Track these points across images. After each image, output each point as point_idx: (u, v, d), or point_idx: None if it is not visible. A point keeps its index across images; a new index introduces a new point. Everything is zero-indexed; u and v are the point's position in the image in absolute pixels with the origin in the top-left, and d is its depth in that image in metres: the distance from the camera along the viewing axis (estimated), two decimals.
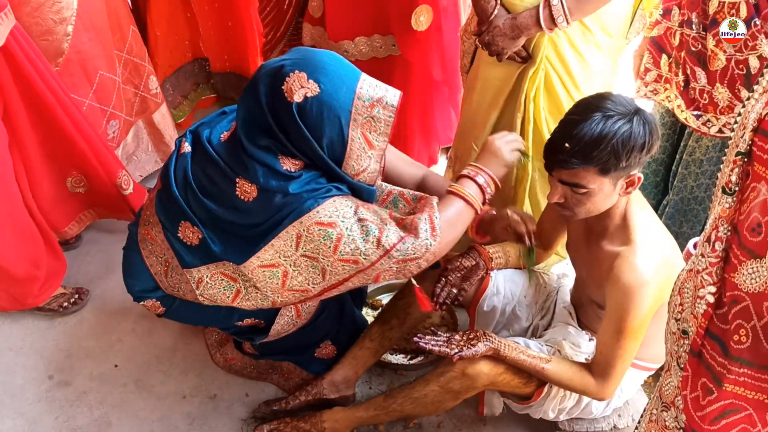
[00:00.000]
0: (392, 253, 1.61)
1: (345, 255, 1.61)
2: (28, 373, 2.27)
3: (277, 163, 1.60)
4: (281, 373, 2.20)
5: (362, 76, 1.60)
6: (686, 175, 2.21)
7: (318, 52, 1.61)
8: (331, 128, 1.56)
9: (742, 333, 1.03)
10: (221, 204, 1.65)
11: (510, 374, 1.78)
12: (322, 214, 1.58)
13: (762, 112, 0.99)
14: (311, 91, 1.53)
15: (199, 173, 1.69)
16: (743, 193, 1.03)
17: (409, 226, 1.64)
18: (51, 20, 2.20)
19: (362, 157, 1.62)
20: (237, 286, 1.73)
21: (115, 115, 2.60)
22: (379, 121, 1.58)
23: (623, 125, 1.51)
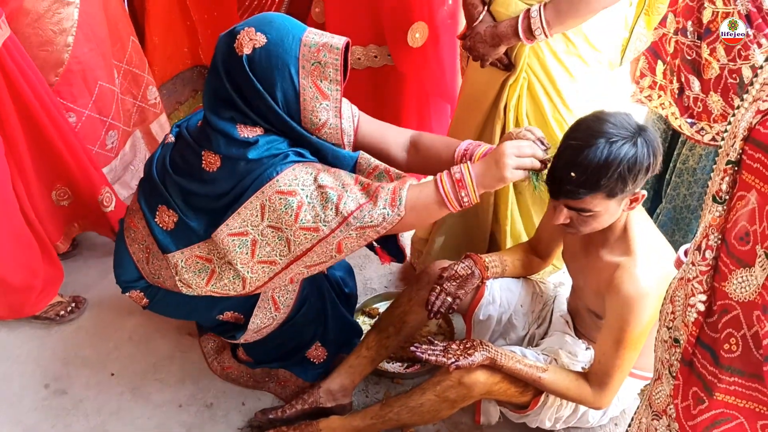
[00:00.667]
0: (350, 220, 1.63)
1: (306, 223, 1.63)
2: (25, 382, 2.26)
3: (235, 131, 1.65)
4: (278, 381, 2.20)
5: (309, 28, 1.66)
6: (679, 184, 2.21)
7: (267, 13, 1.69)
8: (281, 77, 1.61)
9: (732, 342, 1.02)
10: (191, 178, 1.72)
11: (506, 383, 1.78)
12: (281, 183, 1.62)
13: (752, 120, 1.00)
14: (259, 42, 1.60)
15: (176, 156, 1.77)
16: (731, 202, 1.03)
17: (372, 192, 1.66)
18: (51, 31, 2.21)
19: (318, 109, 1.65)
20: (211, 267, 1.78)
21: (114, 126, 2.60)
22: (327, 66, 1.62)
23: (629, 149, 1.50)
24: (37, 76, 2.16)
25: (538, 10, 1.81)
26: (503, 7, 1.91)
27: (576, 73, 1.97)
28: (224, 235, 1.69)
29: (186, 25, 2.98)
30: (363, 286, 2.60)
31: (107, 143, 2.60)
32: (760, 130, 0.97)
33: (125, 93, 2.67)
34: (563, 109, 2.00)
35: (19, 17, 2.12)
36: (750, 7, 1.85)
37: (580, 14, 1.82)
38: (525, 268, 2.08)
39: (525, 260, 2.07)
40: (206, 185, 1.70)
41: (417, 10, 2.37)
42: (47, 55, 2.24)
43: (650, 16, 2.07)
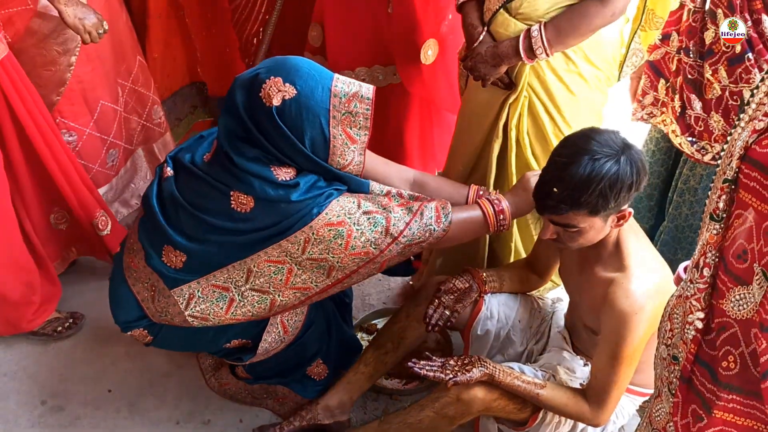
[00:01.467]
0: (400, 239, 1.69)
1: (356, 249, 1.67)
2: (22, 398, 2.25)
3: (271, 174, 1.64)
4: (276, 398, 2.19)
5: (335, 75, 1.65)
6: (681, 203, 2.22)
7: (290, 58, 1.67)
8: (312, 128, 1.61)
9: (730, 359, 1.03)
10: (216, 216, 1.68)
11: (505, 400, 1.78)
12: (330, 215, 1.64)
13: (748, 140, 1.01)
14: (288, 94, 1.59)
15: (187, 192, 1.73)
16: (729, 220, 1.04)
17: (416, 210, 1.72)
18: (55, 51, 2.21)
19: (346, 152, 1.67)
20: (230, 295, 1.75)
21: (115, 144, 2.60)
22: (357, 116, 1.63)
23: (611, 167, 1.52)
24: (34, 98, 2.15)
25: (539, 29, 1.84)
26: (502, 27, 1.92)
27: (576, 90, 1.98)
28: (262, 260, 1.69)
29: (184, 42, 2.99)
30: (361, 302, 2.60)
31: (108, 161, 2.60)
32: (756, 150, 0.98)
33: (130, 112, 2.67)
34: (564, 127, 2.02)
35: (26, 38, 2.13)
36: (751, 33, 1.86)
37: (580, 32, 1.84)
38: (523, 284, 2.08)
39: (523, 276, 2.08)
40: (238, 223, 1.67)
41: (426, 28, 2.39)
42: (51, 75, 2.25)
43: (647, 32, 2.09)
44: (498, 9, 1.92)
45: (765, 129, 0.99)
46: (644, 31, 2.11)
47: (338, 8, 2.41)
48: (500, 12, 1.92)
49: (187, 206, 1.70)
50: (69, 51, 2.25)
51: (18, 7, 2.09)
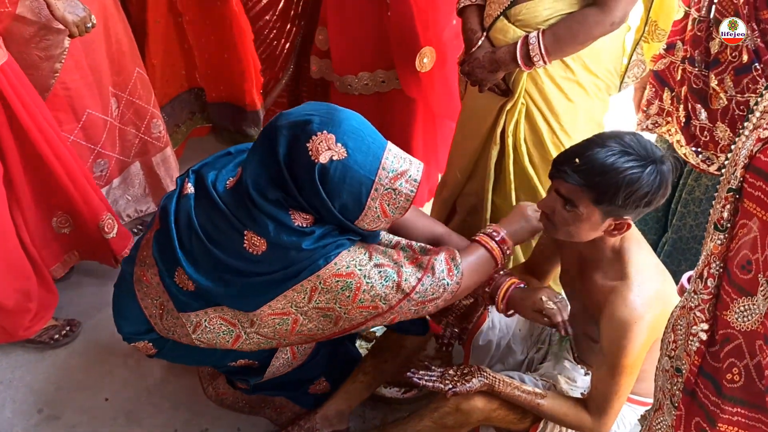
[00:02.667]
0: (412, 296, 1.62)
1: (364, 302, 1.60)
2: (17, 407, 2.24)
3: (288, 219, 1.57)
4: (274, 407, 2.17)
5: (388, 145, 1.58)
6: (685, 214, 2.21)
7: (346, 114, 1.57)
8: (350, 194, 1.54)
9: (734, 372, 1.01)
10: (228, 253, 1.61)
11: (505, 410, 1.76)
12: (339, 266, 1.57)
13: (752, 148, 0.99)
14: (338, 155, 1.51)
15: (204, 220, 1.65)
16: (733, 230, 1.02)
17: (425, 265, 1.64)
18: (36, 56, 2.18)
19: (375, 222, 1.61)
20: (237, 332, 1.70)
21: (104, 155, 2.58)
22: (399, 195, 1.56)
23: (635, 167, 1.51)
24: (36, 101, 2.14)
25: (537, 36, 1.83)
26: (501, 33, 1.92)
27: (574, 98, 1.97)
28: (265, 314, 1.64)
29: (183, 48, 2.99)
30: None
31: (95, 171, 2.58)
32: (761, 158, 0.97)
33: (126, 124, 2.65)
34: (561, 134, 2.01)
35: (6, 41, 2.10)
36: (758, 42, 1.84)
37: (578, 41, 1.83)
38: None
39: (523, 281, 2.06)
40: (248, 264, 1.60)
41: (423, 36, 2.38)
42: (32, 80, 2.20)
43: (650, 44, 2.08)
44: (498, 15, 1.91)
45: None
46: (647, 43, 2.11)
47: (341, 12, 2.41)
48: (500, 18, 1.91)
49: (201, 236, 1.64)
50: (52, 57, 2.22)
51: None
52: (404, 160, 1.57)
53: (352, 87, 2.51)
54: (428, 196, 2.95)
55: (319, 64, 2.60)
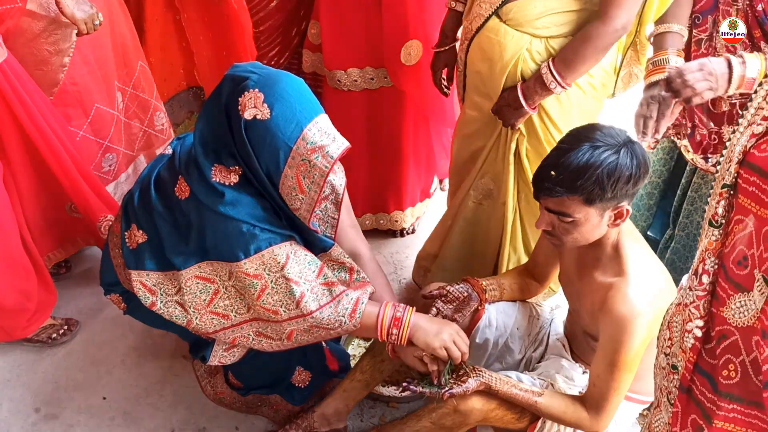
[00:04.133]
0: (307, 318, 1.67)
1: (267, 304, 1.66)
2: (15, 406, 2.24)
3: (209, 172, 1.62)
4: (270, 405, 2.18)
5: (317, 117, 1.59)
6: (692, 211, 2.20)
7: (285, 78, 1.60)
8: (270, 155, 1.57)
9: (731, 368, 1.01)
10: (163, 199, 1.70)
11: (503, 409, 1.76)
12: (248, 267, 1.62)
13: (746, 144, 0.99)
14: (261, 114, 1.55)
15: (163, 172, 1.76)
16: (728, 226, 1.02)
17: (335, 295, 1.70)
18: (46, 51, 2.20)
19: (292, 196, 1.63)
20: (153, 299, 1.76)
21: (112, 149, 2.58)
22: (314, 168, 1.57)
23: (610, 156, 1.52)
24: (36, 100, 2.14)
25: (548, 66, 1.84)
26: (493, 32, 1.93)
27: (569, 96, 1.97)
28: (191, 275, 1.68)
29: (181, 47, 2.98)
30: None
31: (103, 165, 2.58)
32: (755, 154, 0.97)
33: (132, 117, 2.65)
34: (553, 130, 2.02)
35: (15, 37, 2.11)
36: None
37: (588, 58, 1.83)
38: (522, 291, 2.07)
39: (522, 283, 2.06)
40: (173, 210, 1.68)
41: (412, 29, 2.38)
42: (42, 75, 2.23)
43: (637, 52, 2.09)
44: (489, 15, 1.91)
45: (763, 133, 0.98)
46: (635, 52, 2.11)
47: (333, 7, 2.41)
48: (491, 18, 1.91)
49: (152, 185, 1.74)
50: (61, 51, 2.23)
51: (7, 5, 2.07)
52: (328, 136, 1.58)
53: (341, 82, 2.51)
54: (421, 196, 2.95)
55: (311, 58, 2.60)
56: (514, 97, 1.92)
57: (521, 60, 1.92)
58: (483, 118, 2.09)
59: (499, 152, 2.12)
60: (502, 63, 1.94)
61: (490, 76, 1.99)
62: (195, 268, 1.67)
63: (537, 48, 1.90)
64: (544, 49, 1.89)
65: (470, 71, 2.07)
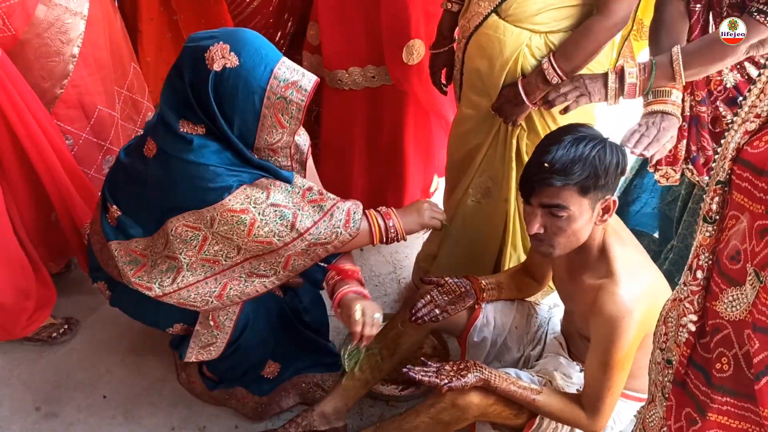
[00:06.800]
0: (305, 236, 1.74)
1: (259, 237, 1.71)
2: (15, 405, 2.24)
3: (176, 124, 1.67)
4: (236, 398, 2.21)
5: (283, 58, 1.67)
6: (692, 222, 2.21)
7: (245, 30, 1.69)
8: (245, 101, 1.63)
9: (724, 361, 1.02)
10: (132, 164, 1.77)
11: (501, 405, 1.77)
12: (234, 202, 1.67)
13: (740, 141, 1.01)
14: (231, 63, 1.60)
15: (132, 142, 1.83)
16: (723, 222, 1.04)
17: (327, 209, 1.76)
18: (59, 41, 2.21)
19: (274, 132, 1.69)
20: (142, 261, 1.80)
21: (112, 151, 2.59)
22: (291, 104, 1.65)
23: (596, 145, 1.58)
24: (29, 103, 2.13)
25: (549, 60, 1.85)
26: (492, 29, 1.94)
27: None
28: (180, 223, 1.72)
29: (178, 46, 2.98)
30: None
31: (104, 168, 2.59)
32: (748, 150, 0.98)
33: (125, 119, 2.66)
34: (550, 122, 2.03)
35: (30, 28, 2.12)
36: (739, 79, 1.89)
37: (589, 52, 1.84)
38: (521, 290, 2.08)
39: (521, 282, 2.07)
40: (144, 171, 1.73)
41: (414, 28, 2.39)
42: (55, 66, 2.23)
43: (638, 42, 2.09)
44: (489, 13, 1.92)
45: (756, 130, 0.99)
46: (636, 41, 2.12)
47: (333, 7, 2.41)
48: (491, 15, 1.93)
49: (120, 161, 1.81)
50: (72, 41, 2.23)
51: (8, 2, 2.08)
52: (297, 72, 1.66)
53: (342, 82, 2.51)
54: (421, 194, 2.96)
55: (310, 59, 2.61)
56: (515, 93, 1.93)
57: (521, 56, 1.93)
58: (479, 116, 2.11)
59: (498, 150, 2.13)
60: (502, 60, 1.95)
61: (489, 73, 2.00)
62: (179, 218, 1.71)
63: (537, 44, 1.91)
64: (543, 44, 1.91)
65: (467, 69, 2.09)
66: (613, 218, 1.68)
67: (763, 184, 0.94)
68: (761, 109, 1.00)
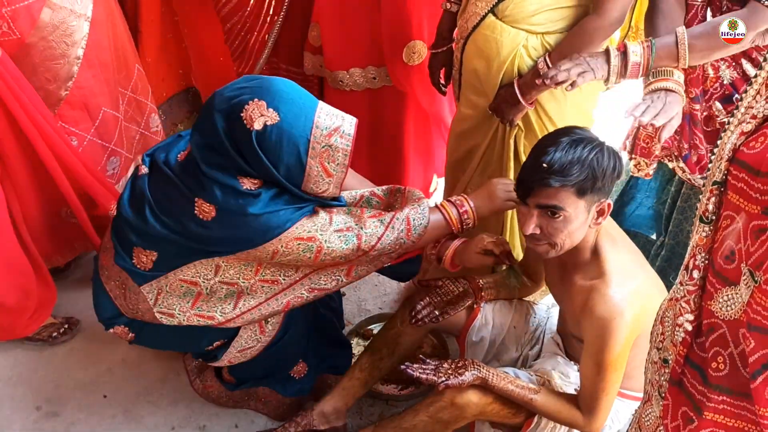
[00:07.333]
0: (371, 253, 1.72)
1: (325, 261, 1.70)
2: (16, 404, 2.25)
3: (237, 183, 1.64)
4: (258, 398, 2.20)
5: (320, 104, 1.64)
6: (682, 220, 2.22)
7: (275, 80, 1.65)
8: (290, 155, 1.61)
9: (719, 360, 1.03)
10: (180, 221, 1.68)
11: (499, 404, 1.78)
12: (300, 230, 1.65)
13: (736, 142, 1.02)
14: (271, 119, 1.57)
15: (157, 192, 1.73)
16: (718, 222, 1.04)
17: (387, 221, 1.74)
18: (64, 43, 2.21)
19: (320, 182, 1.67)
20: (198, 289, 1.77)
21: (117, 152, 2.59)
22: (336, 150, 1.63)
23: (593, 148, 1.57)
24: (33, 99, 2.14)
25: (544, 60, 1.86)
26: (489, 30, 1.95)
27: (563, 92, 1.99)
28: (230, 258, 1.70)
29: (181, 48, 3.00)
30: (357, 307, 2.61)
31: (108, 169, 2.59)
32: (744, 151, 0.99)
33: (129, 121, 2.66)
34: (548, 124, 2.04)
35: (36, 31, 2.12)
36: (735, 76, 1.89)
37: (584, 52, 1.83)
38: (518, 289, 2.09)
39: (518, 282, 2.08)
40: (200, 229, 1.67)
41: (415, 29, 2.40)
42: (60, 68, 2.24)
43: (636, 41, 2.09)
44: (486, 13, 1.93)
45: (752, 131, 1.00)
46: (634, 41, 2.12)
47: (333, 8, 2.42)
48: (488, 16, 1.93)
49: (153, 206, 1.71)
50: (76, 43, 2.24)
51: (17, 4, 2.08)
52: (336, 117, 1.63)
53: (343, 83, 2.52)
54: None
55: (312, 60, 2.62)
56: (511, 93, 1.93)
57: (518, 56, 1.94)
58: (478, 116, 2.11)
59: (496, 150, 2.14)
60: (498, 60, 1.96)
61: (486, 73, 2.01)
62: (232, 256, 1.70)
63: (533, 44, 1.92)
64: (540, 45, 1.92)
65: (466, 69, 2.09)
66: (606, 220, 1.68)
67: (759, 185, 0.95)
68: (757, 109, 1.00)
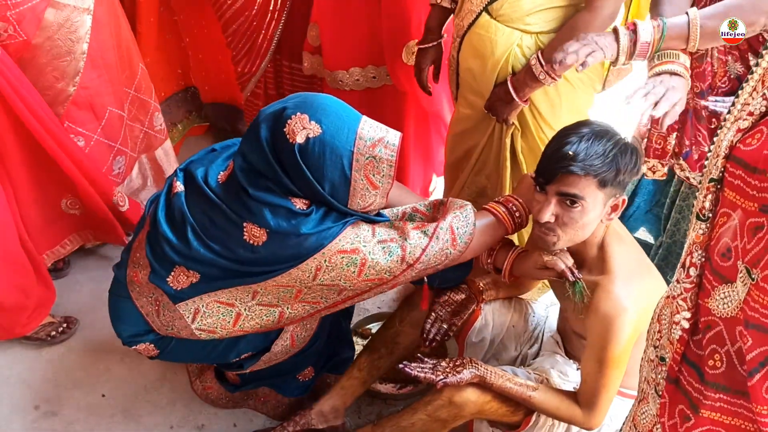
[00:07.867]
0: (416, 266, 1.66)
1: (369, 276, 1.65)
2: (14, 404, 2.25)
3: (289, 203, 1.61)
4: (257, 398, 2.20)
5: (363, 118, 1.62)
6: (680, 219, 2.22)
7: (318, 95, 1.63)
8: (333, 169, 1.57)
9: (716, 358, 1.03)
10: (227, 246, 1.63)
11: (497, 402, 1.77)
12: (343, 242, 1.61)
13: (733, 139, 1.01)
14: (313, 132, 1.55)
15: (198, 214, 1.67)
16: (715, 219, 1.04)
17: (431, 233, 1.67)
18: (69, 40, 2.22)
19: (367, 195, 1.63)
20: (236, 310, 1.73)
21: (122, 152, 2.60)
22: (381, 162, 1.60)
23: (617, 142, 1.58)
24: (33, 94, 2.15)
25: (536, 58, 1.85)
26: (483, 29, 1.95)
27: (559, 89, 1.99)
28: (269, 284, 1.67)
29: (179, 47, 3.00)
30: (356, 306, 2.60)
31: (114, 168, 2.60)
32: (740, 148, 0.99)
33: (133, 120, 2.67)
34: (543, 125, 2.04)
35: (41, 32, 2.13)
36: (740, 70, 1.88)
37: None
38: (518, 287, 2.08)
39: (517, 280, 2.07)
40: (249, 253, 1.63)
41: (414, 28, 2.40)
42: (66, 66, 2.24)
43: None
44: (480, 12, 1.93)
45: (749, 128, 1.00)
46: None
47: (333, 7, 2.42)
48: (482, 14, 1.93)
49: (199, 231, 1.66)
50: (81, 38, 2.24)
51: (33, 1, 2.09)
52: (380, 129, 1.62)
53: (343, 82, 2.52)
54: (422, 194, 2.96)
55: (311, 60, 2.61)
56: (505, 90, 1.93)
57: (512, 56, 1.94)
58: (476, 116, 2.11)
59: (493, 149, 2.14)
60: (493, 59, 1.96)
61: (482, 72, 2.01)
62: (270, 281, 1.65)
63: (527, 43, 1.92)
64: (534, 44, 1.92)
65: (463, 69, 2.09)
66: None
67: (756, 182, 0.95)
68: (754, 106, 1.00)
